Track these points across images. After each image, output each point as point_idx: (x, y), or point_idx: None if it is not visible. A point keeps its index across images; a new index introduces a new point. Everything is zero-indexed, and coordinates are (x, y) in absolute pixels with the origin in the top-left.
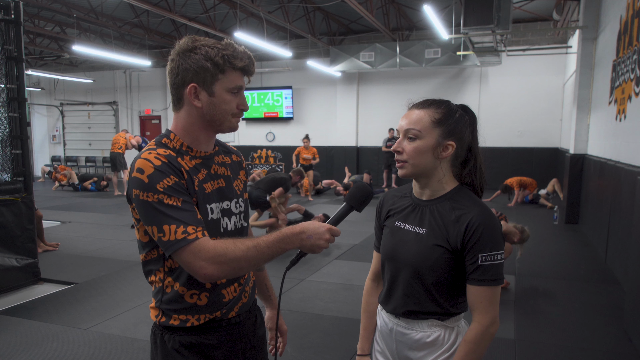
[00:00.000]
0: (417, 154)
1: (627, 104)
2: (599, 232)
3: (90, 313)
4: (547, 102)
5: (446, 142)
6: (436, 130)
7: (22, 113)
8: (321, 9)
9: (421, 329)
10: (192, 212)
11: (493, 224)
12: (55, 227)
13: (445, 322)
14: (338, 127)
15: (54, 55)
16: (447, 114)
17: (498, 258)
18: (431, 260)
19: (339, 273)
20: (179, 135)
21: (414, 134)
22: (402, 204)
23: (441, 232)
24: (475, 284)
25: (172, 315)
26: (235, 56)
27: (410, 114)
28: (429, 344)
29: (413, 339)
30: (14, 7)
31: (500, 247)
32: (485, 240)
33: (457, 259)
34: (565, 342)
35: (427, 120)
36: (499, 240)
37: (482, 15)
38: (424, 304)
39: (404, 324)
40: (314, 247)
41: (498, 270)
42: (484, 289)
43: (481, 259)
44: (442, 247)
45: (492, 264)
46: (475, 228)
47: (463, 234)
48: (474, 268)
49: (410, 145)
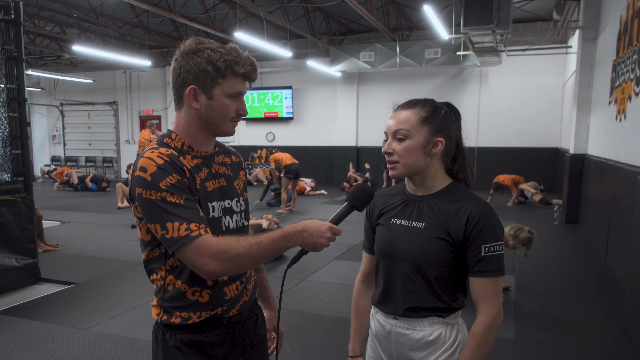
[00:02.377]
0: (407, 154)
1: (627, 104)
2: (599, 232)
3: (90, 313)
4: (547, 102)
5: (435, 138)
6: (424, 128)
7: (22, 113)
8: (321, 9)
9: (422, 327)
10: (195, 209)
11: (492, 215)
12: (55, 227)
13: (446, 319)
14: (338, 127)
15: (54, 55)
16: (433, 111)
17: (499, 249)
18: (432, 253)
19: (338, 273)
20: (180, 135)
21: (403, 134)
22: (395, 201)
23: (441, 225)
24: (479, 276)
25: (173, 312)
26: (237, 62)
27: (397, 115)
28: (431, 343)
29: (414, 339)
30: (14, 7)
31: (500, 237)
32: (487, 232)
33: (458, 252)
34: (565, 342)
35: (414, 119)
36: (500, 231)
37: (482, 15)
38: (425, 299)
39: (403, 324)
40: (315, 245)
41: (500, 260)
42: (488, 280)
43: (484, 250)
44: (442, 239)
45: (495, 255)
46: (476, 220)
47: (465, 227)
48: (478, 260)
49: (400, 146)
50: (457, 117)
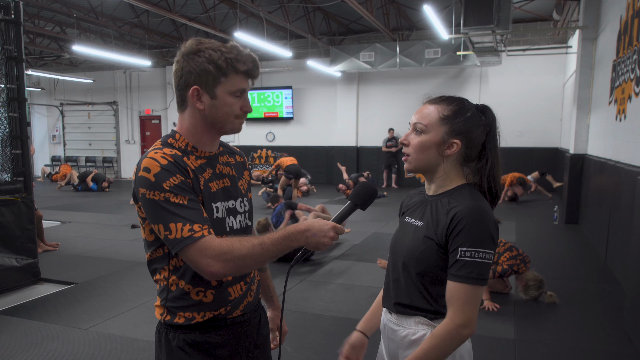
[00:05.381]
0: (419, 149)
1: (627, 104)
2: (599, 232)
3: (90, 313)
4: (547, 102)
5: (451, 140)
6: (443, 127)
7: (22, 113)
8: (321, 9)
9: (408, 326)
10: (198, 210)
11: (479, 219)
12: (55, 227)
13: (433, 321)
14: (338, 127)
15: (54, 55)
16: (457, 112)
17: (479, 256)
18: (418, 252)
19: (339, 273)
20: (184, 136)
21: (420, 128)
22: (415, 200)
23: (433, 225)
24: (451, 279)
25: (177, 313)
26: (238, 59)
27: (422, 108)
28: (414, 342)
29: (400, 336)
30: (14, 7)
31: (484, 245)
32: (467, 234)
33: (445, 254)
34: (565, 342)
35: (435, 115)
36: (483, 238)
37: (482, 15)
38: (412, 297)
39: (394, 319)
40: (318, 245)
41: (477, 269)
42: (459, 286)
43: (460, 252)
44: (431, 239)
45: (471, 261)
46: (458, 220)
47: (447, 226)
48: (453, 262)
49: (416, 139)
50: (488, 122)
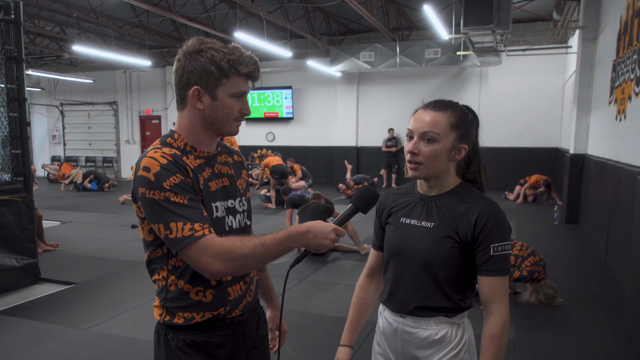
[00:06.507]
0: (433, 157)
1: (627, 104)
2: (599, 232)
3: (90, 313)
4: (547, 102)
5: (460, 145)
6: (453, 133)
7: (22, 113)
8: (321, 9)
9: (429, 326)
10: (199, 209)
11: (501, 215)
12: (55, 227)
13: (452, 319)
14: (338, 127)
15: (54, 55)
16: (462, 118)
17: (507, 248)
18: (441, 253)
19: (339, 273)
20: (183, 135)
21: (432, 136)
22: (405, 200)
23: (450, 225)
24: (489, 275)
25: (176, 313)
26: (240, 62)
27: (426, 115)
28: (437, 342)
29: (420, 337)
30: (14, 7)
31: (508, 237)
32: (496, 231)
33: (466, 252)
34: (565, 342)
35: (445, 123)
36: (507, 231)
37: (482, 15)
38: (433, 299)
39: (410, 322)
40: (319, 247)
41: (507, 260)
42: (498, 280)
43: (493, 249)
44: (452, 238)
45: (503, 254)
46: (485, 220)
47: (473, 227)
48: (486, 259)
49: (428, 148)
50: (476, 122)
